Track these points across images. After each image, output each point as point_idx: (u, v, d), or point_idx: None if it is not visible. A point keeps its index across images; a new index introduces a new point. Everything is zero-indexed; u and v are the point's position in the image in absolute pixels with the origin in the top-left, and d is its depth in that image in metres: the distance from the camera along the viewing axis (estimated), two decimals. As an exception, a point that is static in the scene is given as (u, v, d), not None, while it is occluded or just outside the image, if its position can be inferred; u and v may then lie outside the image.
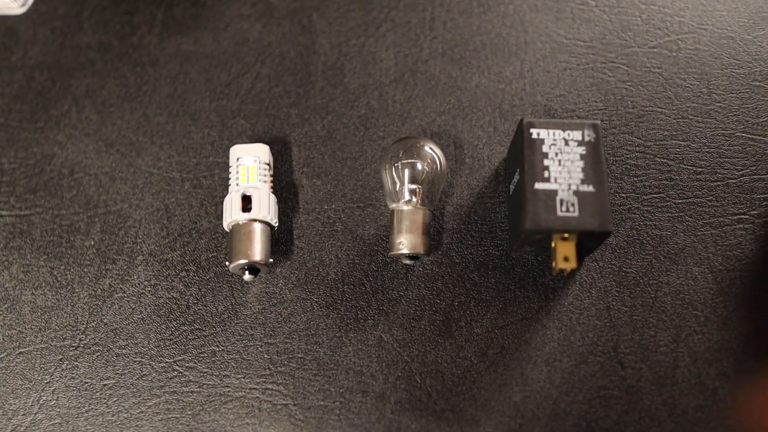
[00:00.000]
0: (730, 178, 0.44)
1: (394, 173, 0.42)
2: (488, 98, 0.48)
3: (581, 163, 0.38)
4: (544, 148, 0.39)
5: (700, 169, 0.45)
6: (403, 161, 0.42)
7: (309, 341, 0.41)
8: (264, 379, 0.41)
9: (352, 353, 0.41)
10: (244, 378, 0.41)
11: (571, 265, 0.38)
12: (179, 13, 0.53)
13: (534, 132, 0.39)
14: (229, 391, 0.40)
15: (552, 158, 0.39)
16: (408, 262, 0.42)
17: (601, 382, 0.40)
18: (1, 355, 0.42)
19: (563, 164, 0.38)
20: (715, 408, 0.39)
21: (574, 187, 0.38)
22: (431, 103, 0.48)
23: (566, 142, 0.39)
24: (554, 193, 0.38)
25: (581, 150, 0.39)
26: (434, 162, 0.43)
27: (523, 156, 0.39)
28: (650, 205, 0.44)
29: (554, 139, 0.39)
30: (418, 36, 0.51)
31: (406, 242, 0.41)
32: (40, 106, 0.50)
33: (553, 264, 0.39)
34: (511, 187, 0.42)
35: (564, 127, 0.39)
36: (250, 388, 0.40)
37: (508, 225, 0.44)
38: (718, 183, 0.44)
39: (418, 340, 0.41)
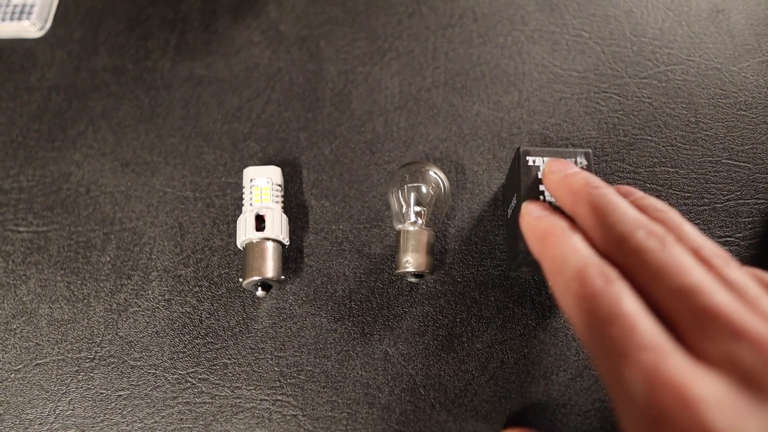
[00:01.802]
0: (716, 203, 0.46)
1: (400, 196, 0.44)
2: (488, 126, 0.50)
3: None
4: (539, 175, 0.41)
5: (688, 194, 0.46)
6: (409, 185, 0.44)
7: (318, 355, 0.43)
8: (274, 391, 0.42)
9: (359, 366, 0.42)
10: (255, 389, 0.42)
11: None
12: (192, 39, 0.54)
13: (530, 160, 0.41)
14: (240, 402, 0.41)
15: None
16: (413, 280, 0.43)
17: (595, 395, 0.41)
18: (19, 366, 0.43)
19: None
20: None
21: None
22: (434, 130, 0.50)
23: None
24: None
25: None
26: (439, 186, 0.44)
27: (519, 182, 0.41)
28: None
29: None
30: (422, 65, 0.52)
31: (412, 261, 0.42)
32: (58, 126, 0.51)
33: (549, 283, 0.41)
34: (509, 211, 0.44)
35: (558, 155, 0.41)
36: (261, 400, 0.42)
37: (507, 247, 0.45)
38: (705, 207, 0.46)
39: (422, 354, 0.42)
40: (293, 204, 0.47)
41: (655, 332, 0.23)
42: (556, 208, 0.37)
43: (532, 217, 0.33)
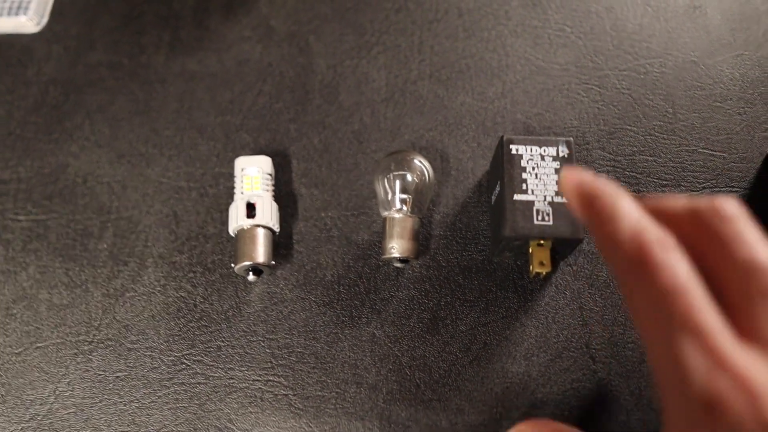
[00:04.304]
0: (693, 191, 0.48)
1: (386, 184, 0.45)
2: (472, 116, 0.51)
3: (556, 177, 0.42)
4: (522, 163, 0.42)
5: (665, 182, 0.48)
6: (394, 173, 0.45)
7: (307, 337, 0.44)
8: (266, 372, 0.43)
9: (347, 348, 0.44)
10: (247, 370, 0.43)
11: (546, 268, 0.42)
12: (185, 35, 0.56)
13: (513, 148, 0.43)
14: (233, 383, 0.43)
15: (529, 172, 0.42)
16: (399, 265, 0.45)
17: (574, 375, 0.42)
18: (19, 350, 0.45)
19: (539, 177, 0.42)
20: None
21: (549, 198, 0.41)
22: (420, 120, 0.51)
23: (542, 157, 0.42)
24: (531, 203, 0.41)
25: (556, 164, 0.42)
26: (423, 174, 0.45)
27: (503, 170, 0.42)
28: None
29: (531, 155, 0.43)
30: (408, 58, 0.54)
31: (397, 247, 0.43)
32: (55, 119, 0.53)
33: (530, 268, 0.42)
34: (493, 197, 0.46)
35: (540, 144, 0.43)
36: (253, 380, 0.43)
37: (490, 232, 0.47)
38: (682, 194, 0.47)
39: (408, 336, 0.44)
40: (283, 192, 0.49)
41: (714, 310, 0.22)
42: None
43: (577, 179, 0.29)
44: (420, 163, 0.46)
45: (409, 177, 0.45)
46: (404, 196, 0.45)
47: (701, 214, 0.24)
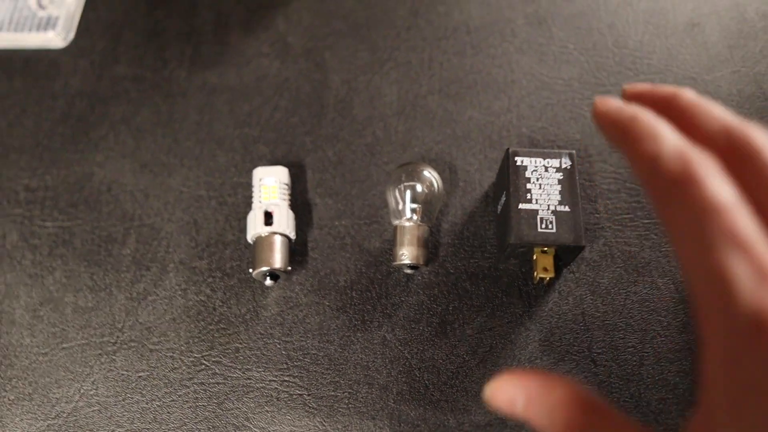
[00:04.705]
0: None
1: (397, 194, 0.47)
2: (479, 129, 0.53)
3: (558, 187, 0.44)
4: (527, 174, 0.44)
5: None
6: (405, 183, 0.47)
7: (321, 340, 0.46)
8: (282, 373, 0.45)
9: (360, 350, 0.45)
10: (264, 371, 0.45)
11: (550, 274, 0.44)
12: (206, 50, 0.58)
13: (518, 160, 0.45)
14: (250, 383, 0.45)
15: (534, 182, 0.44)
16: (409, 271, 0.47)
17: (576, 378, 0.43)
18: (46, 350, 0.47)
19: (543, 188, 0.44)
20: (675, 401, 0.42)
21: (552, 207, 0.43)
22: (429, 134, 0.53)
23: (546, 169, 0.44)
24: (535, 212, 0.43)
25: (559, 176, 0.44)
26: (432, 184, 0.47)
27: (508, 180, 0.44)
28: (620, 225, 0.48)
29: (536, 166, 0.44)
30: (418, 74, 0.56)
31: (407, 254, 0.45)
32: (81, 130, 0.55)
33: (535, 273, 0.44)
34: (499, 207, 0.47)
35: (544, 156, 0.45)
36: (270, 380, 0.45)
37: (496, 241, 0.48)
38: None
39: (418, 339, 0.45)
40: (299, 201, 0.51)
41: (759, 228, 0.20)
42: None
43: (610, 106, 0.27)
44: (429, 174, 0.48)
45: (419, 187, 0.47)
46: (414, 205, 0.46)
47: (736, 140, 0.23)
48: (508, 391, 0.26)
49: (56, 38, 0.58)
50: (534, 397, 0.25)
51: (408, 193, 0.47)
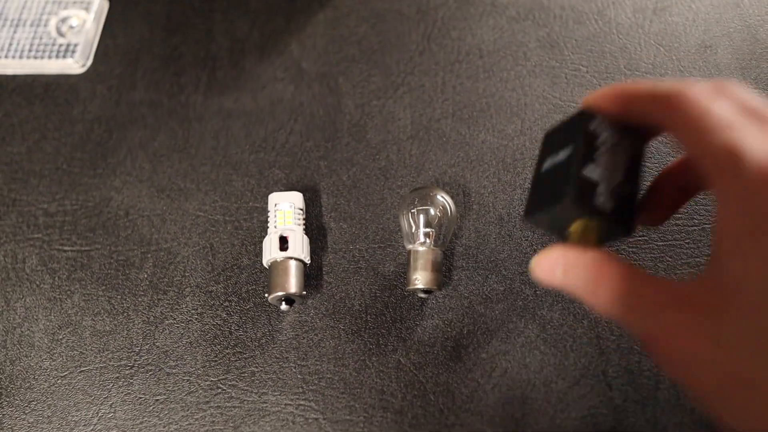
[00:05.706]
0: (706, 224, 0.49)
1: (410, 218, 0.47)
2: (493, 153, 0.53)
3: (623, 169, 0.36)
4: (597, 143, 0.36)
5: (679, 215, 0.49)
6: (418, 208, 0.47)
7: (337, 363, 0.46)
8: (297, 396, 0.45)
9: (375, 374, 0.45)
10: (280, 395, 0.45)
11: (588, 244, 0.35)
12: (221, 76, 0.59)
13: (592, 124, 0.36)
14: (266, 407, 0.45)
15: (602, 153, 0.36)
16: (423, 295, 0.47)
17: (591, 402, 0.43)
18: (65, 373, 0.47)
19: (610, 164, 0.36)
20: (692, 425, 0.42)
21: (613, 186, 0.35)
22: (443, 157, 0.53)
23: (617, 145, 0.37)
24: (596, 184, 0.35)
25: (627, 159, 0.37)
26: (445, 209, 0.47)
27: (581, 140, 0.36)
28: (635, 248, 0.48)
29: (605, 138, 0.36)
30: (432, 98, 0.56)
31: (421, 278, 0.45)
32: (99, 155, 0.56)
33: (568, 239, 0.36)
34: (548, 162, 0.39)
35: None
36: (285, 404, 0.45)
37: (535, 194, 0.39)
38: (695, 228, 0.49)
39: (432, 363, 0.45)
40: (314, 226, 0.51)
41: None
42: None
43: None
44: (442, 198, 0.48)
45: (432, 212, 0.47)
46: (427, 229, 0.47)
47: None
48: (548, 261, 0.30)
49: (75, 65, 0.60)
50: (571, 265, 0.29)
51: (421, 218, 0.47)
